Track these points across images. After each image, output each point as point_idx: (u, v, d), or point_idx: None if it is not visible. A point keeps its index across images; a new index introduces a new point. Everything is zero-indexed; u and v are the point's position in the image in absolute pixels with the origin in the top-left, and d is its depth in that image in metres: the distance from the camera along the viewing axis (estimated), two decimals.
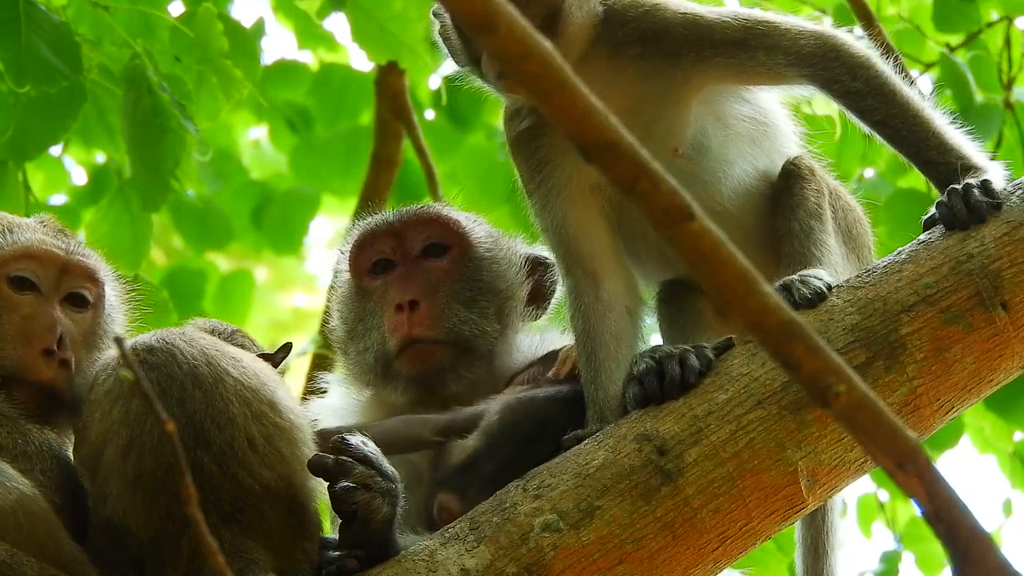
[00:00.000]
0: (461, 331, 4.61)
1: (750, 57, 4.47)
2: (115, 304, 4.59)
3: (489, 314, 4.66)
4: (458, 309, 4.63)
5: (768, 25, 4.49)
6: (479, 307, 4.66)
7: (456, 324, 4.61)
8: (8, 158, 5.98)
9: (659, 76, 4.49)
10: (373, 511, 4.10)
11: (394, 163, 8.51)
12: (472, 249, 4.73)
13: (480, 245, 4.75)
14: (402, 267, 4.71)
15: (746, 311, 2.85)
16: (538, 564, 4.09)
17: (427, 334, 4.60)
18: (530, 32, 2.77)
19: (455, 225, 4.75)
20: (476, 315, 4.64)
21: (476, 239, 4.75)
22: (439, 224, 4.75)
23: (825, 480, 4.22)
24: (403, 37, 6.52)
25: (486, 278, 4.71)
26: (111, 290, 4.58)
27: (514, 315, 4.72)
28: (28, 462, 4.22)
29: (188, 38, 5.94)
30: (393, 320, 4.62)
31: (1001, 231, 4.28)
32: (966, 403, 4.31)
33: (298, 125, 9.02)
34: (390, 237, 4.74)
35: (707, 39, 4.47)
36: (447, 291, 4.65)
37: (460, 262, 4.71)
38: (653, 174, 2.81)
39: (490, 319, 4.66)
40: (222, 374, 4.19)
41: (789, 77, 4.50)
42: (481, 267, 4.72)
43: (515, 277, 4.75)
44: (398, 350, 4.60)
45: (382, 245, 4.75)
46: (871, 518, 9.12)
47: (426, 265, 4.71)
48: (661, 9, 4.51)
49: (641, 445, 4.18)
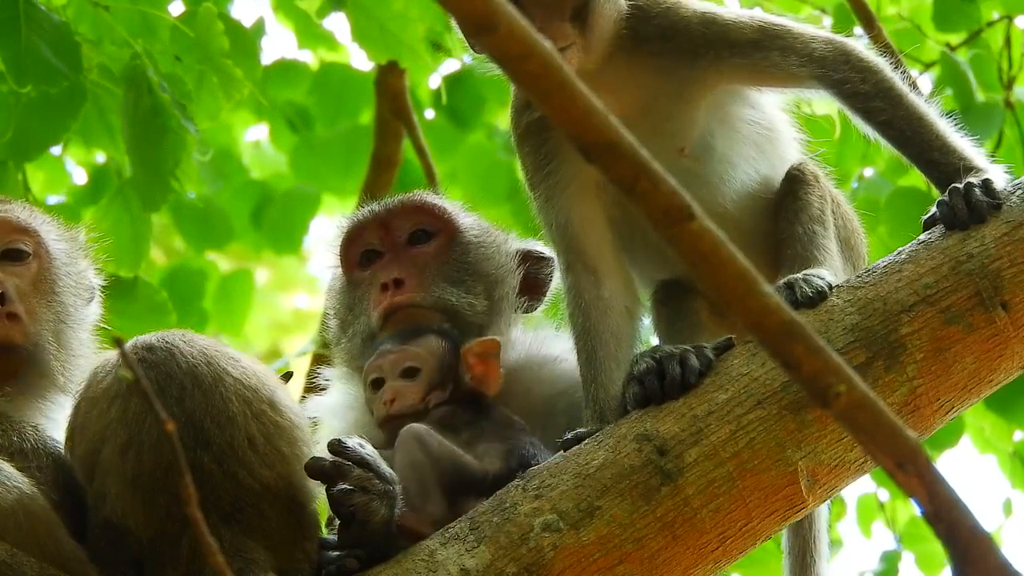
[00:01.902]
0: (447, 300, 4.61)
1: (764, 57, 4.52)
2: (66, 250, 4.60)
3: (477, 291, 4.67)
4: (444, 285, 4.64)
5: (782, 28, 4.57)
6: (466, 285, 4.66)
7: (442, 294, 4.61)
8: (8, 158, 5.98)
9: (675, 74, 4.54)
10: (371, 513, 4.10)
11: (394, 163, 8.51)
12: (459, 234, 4.74)
13: (468, 231, 4.76)
14: (389, 255, 4.72)
15: (746, 311, 2.85)
16: (538, 564, 4.09)
17: (414, 299, 4.60)
18: (530, 32, 2.77)
19: (441, 212, 4.77)
20: (464, 291, 4.64)
21: (463, 225, 4.76)
22: (425, 211, 4.77)
23: (825, 480, 4.22)
24: (403, 37, 6.52)
25: (473, 261, 4.71)
26: (55, 238, 4.59)
27: (505, 301, 4.71)
28: (25, 459, 4.22)
29: (188, 38, 5.93)
30: (377, 298, 4.63)
31: (1001, 231, 4.28)
32: (966, 403, 4.31)
33: (298, 125, 9.02)
34: (377, 228, 4.75)
35: (724, 39, 4.52)
36: (434, 271, 4.66)
37: (447, 247, 4.72)
38: (653, 174, 2.81)
39: (478, 296, 4.66)
40: (221, 373, 4.19)
41: (801, 78, 4.54)
42: (468, 251, 4.72)
43: (505, 263, 4.75)
44: (382, 321, 4.60)
45: (370, 236, 4.75)
46: (871, 518, 9.11)
47: (413, 251, 4.71)
48: (682, 7, 4.56)
49: (641, 445, 4.18)
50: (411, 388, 4.41)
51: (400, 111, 8.34)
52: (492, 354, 4.46)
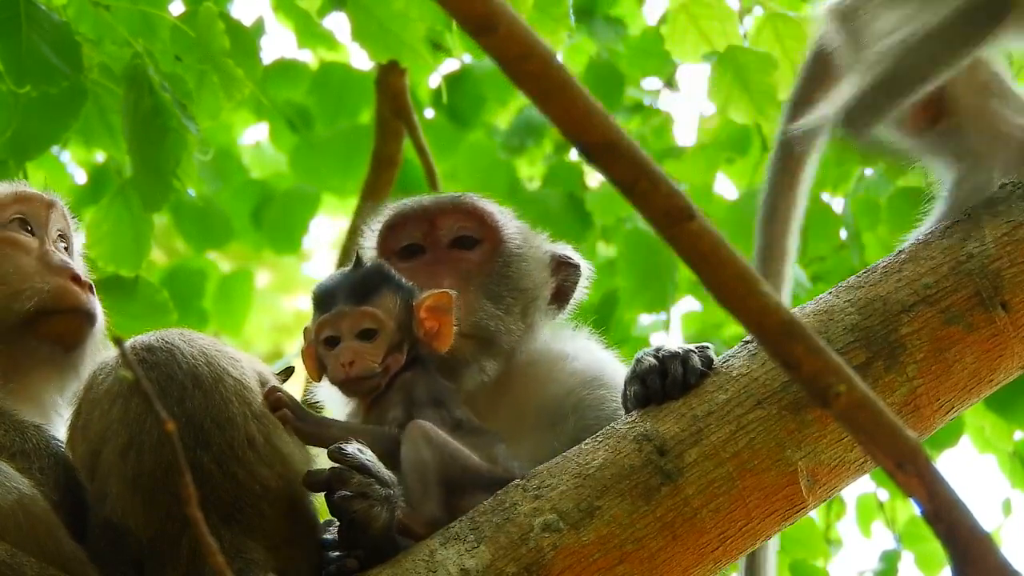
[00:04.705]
0: (487, 326, 4.55)
1: None
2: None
3: (515, 312, 4.61)
4: (485, 304, 4.57)
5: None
6: (505, 304, 4.60)
7: (483, 319, 4.55)
8: (8, 158, 5.97)
9: None
10: (372, 519, 4.10)
11: (394, 162, 8.51)
12: (503, 245, 4.68)
13: (511, 241, 4.69)
14: (431, 254, 4.67)
15: (746, 311, 2.85)
16: (538, 564, 4.09)
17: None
18: (530, 32, 2.78)
19: (489, 219, 4.70)
20: (503, 312, 4.58)
21: (507, 235, 4.70)
22: (474, 216, 4.70)
23: (825, 480, 4.22)
24: (404, 36, 6.51)
25: (514, 276, 4.65)
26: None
27: (538, 315, 4.68)
28: (26, 460, 4.22)
29: (189, 37, 5.93)
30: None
31: (1001, 231, 4.29)
32: (966, 403, 4.31)
33: (298, 125, 9.02)
34: (423, 223, 4.69)
35: None
36: (476, 285, 4.59)
37: (490, 257, 4.66)
38: (653, 174, 2.82)
39: (515, 318, 4.60)
40: (222, 374, 4.19)
41: None
42: (510, 264, 4.66)
43: (541, 276, 4.70)
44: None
45: (413, 229, 4.69)
46: (871, 518, 9.12)
47: (455, 256, 4.65)
48: None
49: (641, 445, 4.18)
50: (369, 350, 4.32)
51: (400, 110, 8.34)
52: (445, 308, 4.40)
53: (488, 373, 4.55)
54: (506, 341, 4.58)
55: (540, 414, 4.52)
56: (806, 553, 8.15)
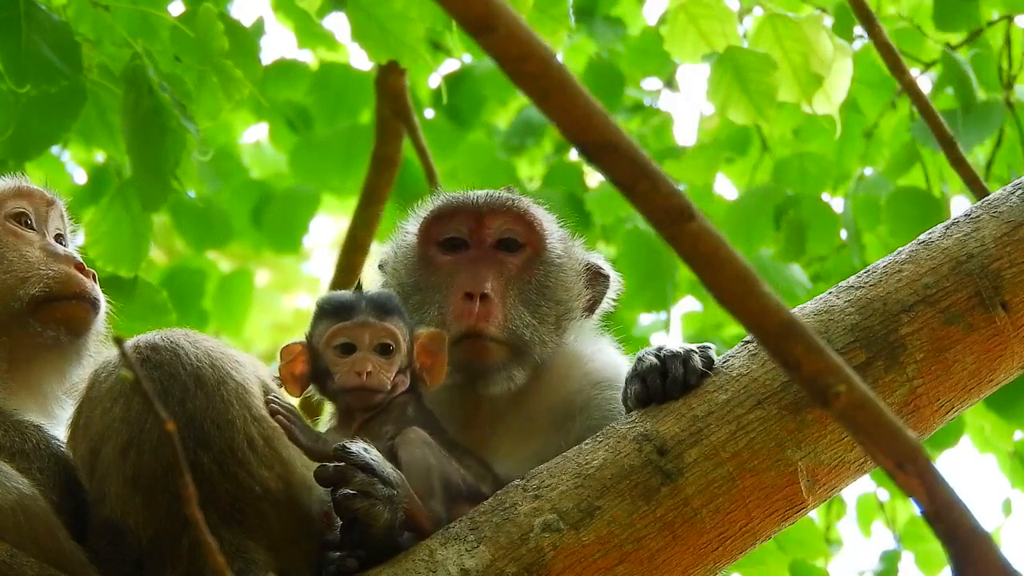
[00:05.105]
0: (523, 335, 4.54)
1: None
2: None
3: (549, 323, 4.60)
4: (523, 312, 4.56)
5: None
6: (541, 314, 4.59)
7: (519, 327, 4.54)
8: (8, 158, 5.97)
9: None
10: (374, 518, 4.10)
11: (394, 162, 8.51)
12: (545, 252, 4.66)
13: (553, 250, 4.68)
14: (475, 252, 4.64)
15: (746, 311, 2.85)
16: (538, 564, 4.09)
17: (491, 331, 4.51)
18: (530, 32, 2.77)
19: (537, 225, 4.68)
20: (538, 321, 4.57)
21: (550, 243, 4.68)
22: (523, 220, 4.68)
23: (825, 480, 4.22)
24: (403, 36, 6.51)
25: (552, 286, 4.64)
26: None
27: (571, 326, 4.67)
28: (26, 460, 4.22)
29: (189, 38, 5.93)
30: (459, 306, 4.53)
31: (1001, 231, 4.28)
32: (966, 403, 4.31)
33: (298, 125, 9.03)
34: (471, 218, 4.66)
35: None
36: (515, 291, 4.58)
37: (532, 263, 4.64)
38: (653, 174, 2.81)
39: (549, 328, 4.59)
40: (225, 376, 4.19)
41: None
42: (550, 273, 4.65)
43: (577, 288, 4.69)
44: (459, 338, 4.54)
45: (460, 223, 4.66)
46: (871, 517, 9.13)
47: (498, 257, 4.63)
48: None
49: (641, 445, 4.18)
50: (384, 365, 4.35)
51: (400, 111, 8.34)
52: (439, 347, 4.44)
53: (516, 383, 4.54)
54: (538, 352, 4.57)
55: (552, 414, 4.52)
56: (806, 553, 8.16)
